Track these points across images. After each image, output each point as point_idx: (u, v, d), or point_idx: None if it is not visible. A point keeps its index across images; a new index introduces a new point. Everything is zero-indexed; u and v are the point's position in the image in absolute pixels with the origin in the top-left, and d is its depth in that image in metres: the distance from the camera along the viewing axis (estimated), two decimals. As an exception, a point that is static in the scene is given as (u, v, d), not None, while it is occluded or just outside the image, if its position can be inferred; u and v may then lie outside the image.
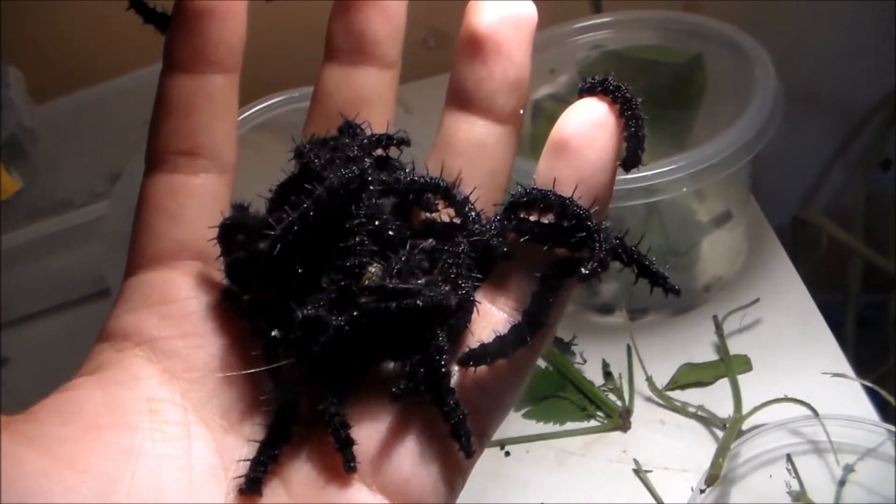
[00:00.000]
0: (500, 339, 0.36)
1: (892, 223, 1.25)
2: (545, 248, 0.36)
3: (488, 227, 0.37)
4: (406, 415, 0.36)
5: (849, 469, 0.71)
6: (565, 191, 0.36)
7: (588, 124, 0.36)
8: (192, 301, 0.38)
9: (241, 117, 0.88)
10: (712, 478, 0.70)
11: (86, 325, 1.00)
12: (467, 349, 0.36)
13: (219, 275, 0.38)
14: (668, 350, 0.85)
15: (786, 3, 1.18)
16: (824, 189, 1.36)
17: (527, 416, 0.83)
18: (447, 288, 0.35)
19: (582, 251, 0.36)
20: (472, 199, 0.38)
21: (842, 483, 0.71)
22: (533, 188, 0.36)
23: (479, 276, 0.37)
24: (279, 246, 0.35)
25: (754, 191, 0.95)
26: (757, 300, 0.85)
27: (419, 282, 0.35)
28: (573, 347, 0.87)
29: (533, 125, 0.89)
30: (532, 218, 0.37)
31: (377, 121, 0.40)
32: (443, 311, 0.35)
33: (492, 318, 0.37)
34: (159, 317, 0.37)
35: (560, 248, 0.36)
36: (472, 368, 0.36)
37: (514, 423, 0.82)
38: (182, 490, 0.34)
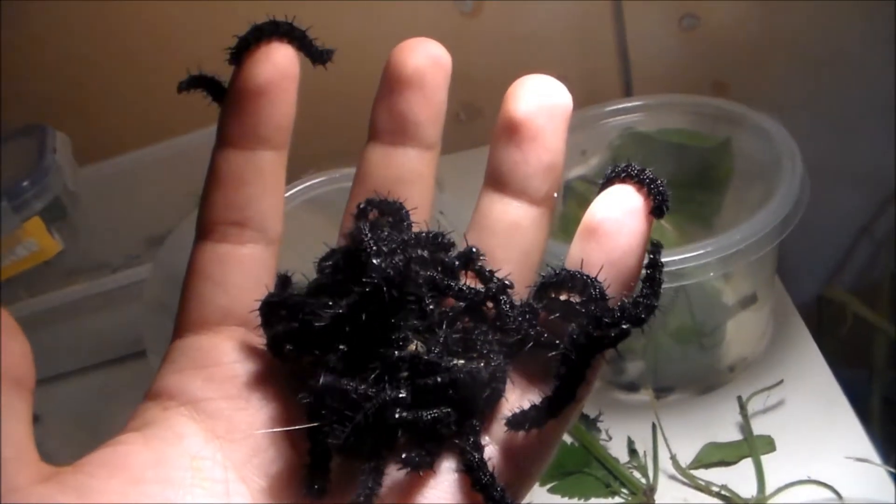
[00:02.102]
0: (534, 408, 0.38)
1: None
2: (572, 326, 0.37)
3: (521, 310, 0.39)
4: (437, 478, 0.37)
5: (871, 553, 0.72)
6: (593, 272, 0.37)
7: (618, 210, 0.37)
8: (235, 365, 0.39)
9: (286, 194, 0.90)
10: (736, 559, 0.71)
11: (120, 386, 1.02)
12: (508, 416, 0.38)
13: (262, 341, 0.40)
14: (693, 429, 0.86)
15: (812, 81, 1.20)
16: (850, 266, 1.37)
17: (552, 490, 0.84)
18: (481, 363, 0.37)
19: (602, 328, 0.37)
20: (504, 278, 0.40)
21: (864, 567, 0.72)
22: (563, 269, 0.38)
23: (509, 352, 0.38)
24: (324, 328, 0.37)
25: (780, 267, 0.97)
26: (781, 381, 0.86)
27: (455, 360, 0.37)
28: (599, 424, 0.88)
29: (564, 206, 0.91)
30: (562, 297, 0.39)
31: (417, 200, 0.42)
32: (476, 383, 0.37)
33: (523, 394, 0.39)
34: (204, 379, 0.38)
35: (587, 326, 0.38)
36: (504, 439, 0.38)
37: (539, 497, 0.83)
38: None
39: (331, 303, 0.37)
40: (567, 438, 0.87)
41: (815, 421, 0.85)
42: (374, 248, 0.38)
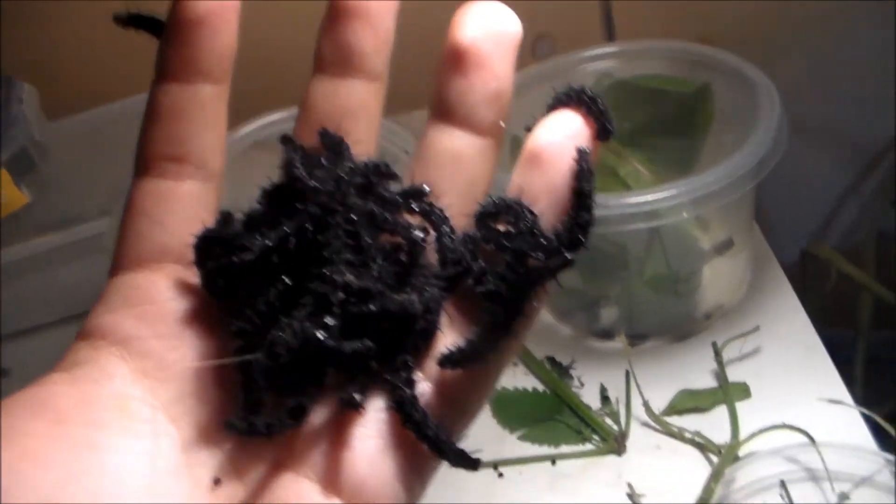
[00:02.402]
0: (469, 345, 0.36)
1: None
2: (505, 258, 0.36)
3: (459, 241, 0.37)
4: (365, 415, 0.36)
5: (843, 497, 0.70)
6: (535, 201, 0.36)
7: (560, 135, 0.36)
8: (170, 303, 0.38)
9: (239, 134, 0.88)
10: (703, 503, 0.69)
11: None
12: (442, 353, 0.36)
13: (199, 279, 0.39)
14: (667, 376, 0.85)
15: (800, 38, 1.19)
16: (835, 225, 1.36)
17: (522, 438, 0.82)
18: (414, 294, 0.35)
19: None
20: (446, 209, 0.38)
21: (837, 511, 0.70)
22: (500, 198, 0.36)
23: (446, 285, 0.37)
24: (254, 262, 0.36)
25: (764, 225, 0.95)
26: (757, 328, 0.84)
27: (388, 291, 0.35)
28: (571, 371, 0.86)
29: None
30: (501, 228, 0.37)
31: (362, 134, 0.40)
32: (407, 315, 0.35)
33: (462, 331, 0.37)
34: (136, 317, 0.37)
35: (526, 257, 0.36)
36: (438, 376, 0.36)
37: (509, 444, 0.82)
38: (144, 485, 0.34)
39: (262, 236, 0.36)
40: (538, 386, 0.86)
41: (792, 368, 0.84)
42: (304, 176, 0.36)
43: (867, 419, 0.77)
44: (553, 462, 0.80)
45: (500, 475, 0.80)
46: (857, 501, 0.71)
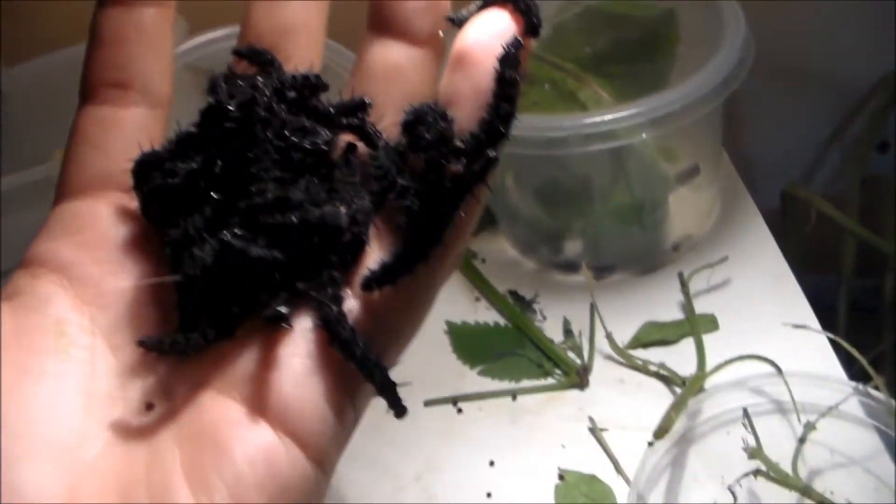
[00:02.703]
0: (394, 262, 0.33)
1: (889, 206, 1.21)
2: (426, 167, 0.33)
3: (385, 152, 0.35)
4: (292, 334, 0.34)
5: (809, 427, 0.68)
6: (462, 106, 0.33)
7: (487, 34, 0.33)
8: (110, 230, 0.37)
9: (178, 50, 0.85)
10: (662, 431, 0.67)
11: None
12: (366, 273, 0.34)
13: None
14: (633, 310, 0.82)
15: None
16: (819, 172, 1.33)
17: (482, 373, 0.80)
18: (341, 207, 0.33)
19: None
20: (378, 123, 0.36)
21: (802, 441, 0.67)
22: (422, 104, 0.33)
23: (375, 199, 0.35)
24: (185, 186, 0.35)
25: (747, 172, 0.92)
26: (725, 258, 0.82)
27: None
28: (534, 306, 0.84)
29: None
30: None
31: (304, 53, 0.39)
32: (331, 227, 0.33)
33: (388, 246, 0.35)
34: (76, 244, 0.36)
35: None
36: (370, 294, 0.34)
37: (469, 380, 0.80)
38: (79, 410, 0.33)
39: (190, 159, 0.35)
40: (500, 320, 0.83)
41: (761, 299, 0.81)
42: (223, 92, 0.34)
43: (838, 350, 0.74)
44: (514, 397, 0.78)
45: (460, 411, 0.78)
46: (823, 431, 0.68)
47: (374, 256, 0.34)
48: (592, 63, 0.84)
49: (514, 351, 0.80)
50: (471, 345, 0.82)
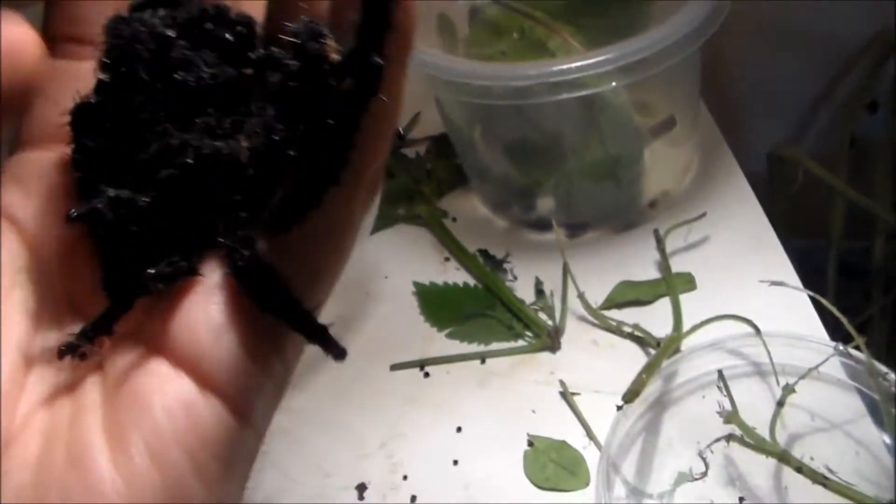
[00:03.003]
0: (298, 190, 0.31)
1: (879, 167, 1.18)
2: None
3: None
4: (206, 285, 0.32)
5: (788, 389, 0.65)
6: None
7: None
8: (57, 181, 0.36)
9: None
10: (632, 394, 0.63)
11: None
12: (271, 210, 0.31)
13: None
14: (608, 269, 0.79)
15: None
16: (809, 131, 1.29)
17: (450, 335, 0.77)
18: (242, 141, 0.31)
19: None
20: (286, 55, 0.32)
21: (780, 404, 0.64)
22: (299, 23, 0.30)
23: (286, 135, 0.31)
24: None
25: (733, 133, 0.89)
26: (703, 214, 0.78)
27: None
28: (505, 265, 0.81)
29: (470, 28, 0.83)
30: None
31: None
32: (229, 164, 0.30)
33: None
34: (21, 194, 0.35)
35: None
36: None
37: (437, 342, 0.77)
38: (13, 359, 0.32)
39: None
40: (469, 280, 0.80)
41: (741, 258, 0.78)
42: (111, 32, 0.33)
43: (821, 312, 0.71)
44: (483, 360, 0.75)
45: (427, 375, 0.75)
46: (803, 394, 0.65)
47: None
48: (564, 12, 0.80)
49: (484, 312, 0.77)
50: (439, 306, 0.79)
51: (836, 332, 0.71)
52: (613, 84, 0.68)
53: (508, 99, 0.70)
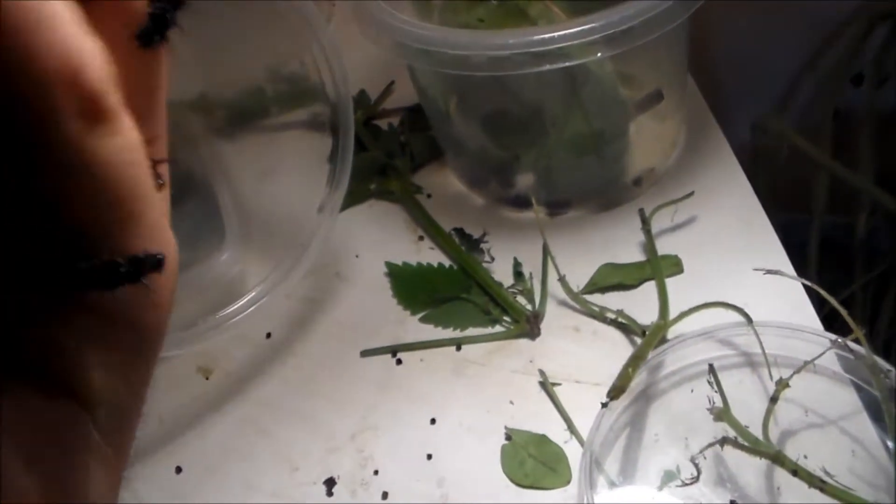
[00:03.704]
0: None
1: (863, 141, 1.15)
2: None
3: None
4: None
5: (783, 384, 0.61)
6: None
7: None
8: None
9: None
10: (618, 390, 0.60)
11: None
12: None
13: None
14: (591, 250, 0.75)
15: None
16: (792, 104, 1.26)
17: (424, 320, 0.73)
18: None
19: None
20: None
21: (774, 400, 0.60)
22: None
23: None
24: None
25: (716, 104, 0.85)
26: (691, 194, 0.74)
27: None
28: (482, 245, 0.76)
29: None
30: None
31: None
32: None
33: None
34: None
35: None
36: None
37: (409, 327, 0.73)
38: None
39: None
40: (444, 260, 0.76)
41: (730, 240, 0.74)
42: None
43: (813, 298, 0.68)
44: (458, 347, 0.71)
45: (399, 362, 0.71)
46: (796, 387, 0.61)
47: None
48: (548, -22, 0.76)
49: (460, 295, 0.73)
50: (412, 288, 0.75)
51: (820, 307, 0.67)
52: (599, 55, 0.64)
53: (486, 70, 0.66)
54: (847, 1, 1.13)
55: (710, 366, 0.62)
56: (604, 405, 0.61)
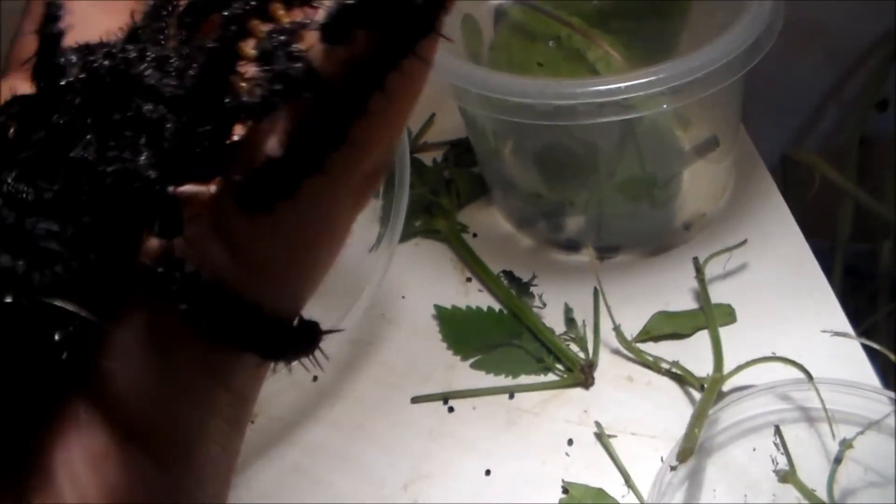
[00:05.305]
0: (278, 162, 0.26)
1: (889, 167, 1.15)
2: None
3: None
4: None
5: (846, 444, 0.61)
6: None
7: None
8: None
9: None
10: (686, 452, 0.59)
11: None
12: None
13: None
14: (641, 296, 0.74)
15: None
16: (817, 130, 1.26)
17: (475, 366, 0.72)
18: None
19: None
20: None
21: (838, 461, 0.60)
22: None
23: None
24: None
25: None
26: (744, 242, 0.74)
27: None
28: (532, 289, 0.76)
29: (495, 32, 0.78)
30: None
31: None
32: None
33: None
34: None
35: None
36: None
37: (461, 374, 0.72)
38: None
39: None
40: (494, 305, 0.75)
41: (782, 288, 0.74)
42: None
43: (867, 350, 0.67)
44: (511, 395, 0.70)
45: (451, 410, 0.70)
46: (859, 449, 0.61)
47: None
48: (600, 19, 0.75)
49: (511, 342, 0.72)
50: (462, 333, 0.74)
51: (884, 373, 0.67)
52: (664, 107, 0.63)
53: (550, 119, 0.65)
54: (871, 27, 1.13)
55: (777, 427, 0.62)
56: (673, 468, 0.61)
